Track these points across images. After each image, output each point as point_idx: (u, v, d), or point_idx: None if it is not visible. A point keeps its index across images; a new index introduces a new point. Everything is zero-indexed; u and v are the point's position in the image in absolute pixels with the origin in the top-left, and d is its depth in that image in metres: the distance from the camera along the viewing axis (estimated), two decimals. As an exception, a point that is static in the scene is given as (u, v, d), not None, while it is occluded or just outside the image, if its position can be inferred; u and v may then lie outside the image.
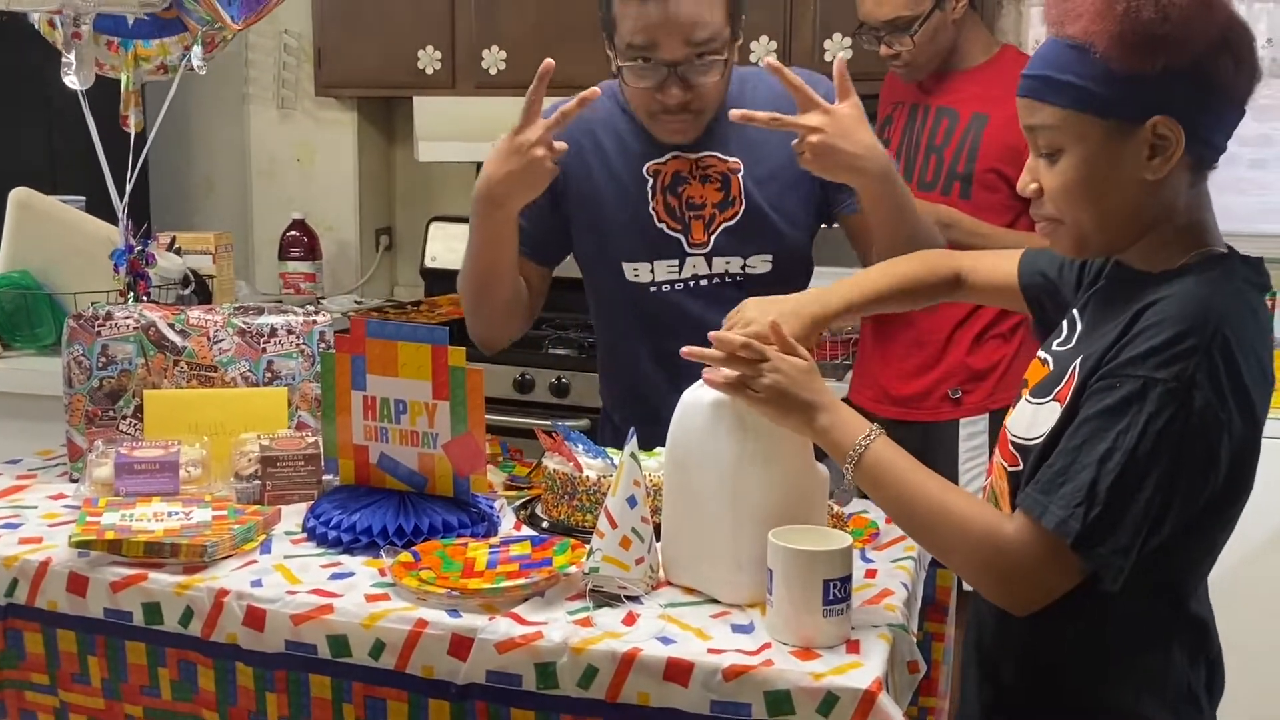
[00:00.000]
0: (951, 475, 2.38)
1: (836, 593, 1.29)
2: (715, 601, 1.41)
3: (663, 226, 1.82)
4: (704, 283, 1.84)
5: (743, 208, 1.79)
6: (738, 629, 1.34)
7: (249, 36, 3.75)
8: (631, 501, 1.42)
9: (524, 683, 1.30)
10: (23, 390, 2.49)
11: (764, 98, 1.74)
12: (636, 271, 1.86)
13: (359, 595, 1.41)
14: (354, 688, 1.38)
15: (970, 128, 2.31)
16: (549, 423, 1.83)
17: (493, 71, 3.27)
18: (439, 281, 3.62)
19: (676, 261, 1.83)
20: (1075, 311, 1.33)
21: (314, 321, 1.90)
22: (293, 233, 3.63)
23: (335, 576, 1.47)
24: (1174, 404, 1.10)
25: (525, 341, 3.15)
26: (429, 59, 3.35)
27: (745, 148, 1.79)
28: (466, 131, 3.30)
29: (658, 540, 1.47)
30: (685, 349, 1.40)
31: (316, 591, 1.41)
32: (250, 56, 3.78)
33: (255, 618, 1.40)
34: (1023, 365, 2.38)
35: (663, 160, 1.81)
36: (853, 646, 1.29)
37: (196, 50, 2.16)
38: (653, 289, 1.86)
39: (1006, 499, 1.29)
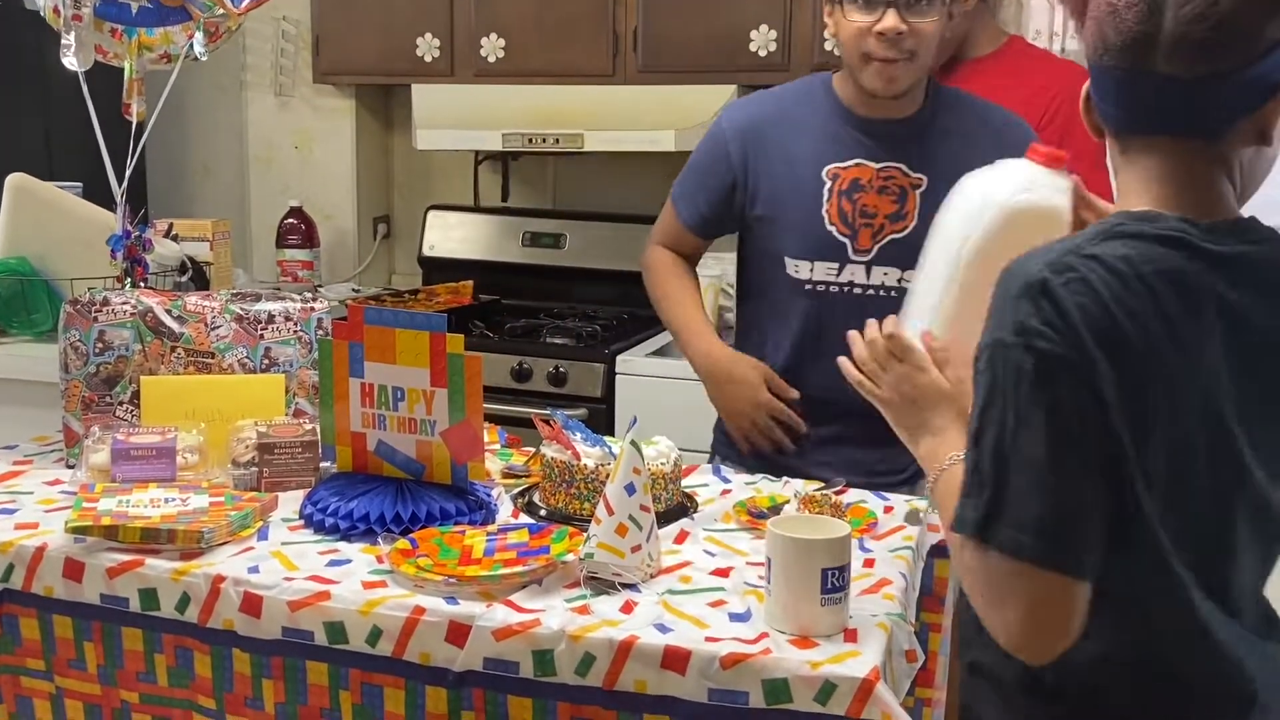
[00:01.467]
0: None
1: (834, 581, 1.29)
2: (712, 590, 1.41)
3: (832, 229, 1.86)
4: (858, 290, 1.88)
5: (914, 223, 1.82)
6: (735, 617, 1.34)
7: (247, 23, 3.73)
8: (630, 489, 1.42)
9: (521, 670, 1.30)
10: (19, 376, 2.48)
11: (976, 113, 1.87)
12: (798, 268, 1.90)
13: (356, 582, 1.40)
14: (351, 674, 1.38)
15: None
16: (547, 411, 1.83)
17: (491, 59, 3.26)
18: (437, 270, 3.62)
19: (837, 265, 1.87)
20: None
21: (312, 308, 1.89)
22: (290, 220, 3.62)
23: (332, 563, 1.46)
24: (1007, 361, 1.04)
25: (523, 330, 3.17)
26: (428, 46, 3.33)
27: (934, 166, 1.82)
28: (465, 119, 3.29)
29: (660, 528, 1.47)
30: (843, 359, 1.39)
31: (313, 578, 1.41)
32: (248, 43, 3.76)
33: (252, 604, 1.40)
34: None
35: (845, 165, 1.85)
36: (850, 635, 1.29)
37: (199, 37, 2.15)
38: (807, 286, 1.90)
39: None
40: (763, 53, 3.01)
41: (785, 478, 1.87)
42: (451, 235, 3.62)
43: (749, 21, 3.01)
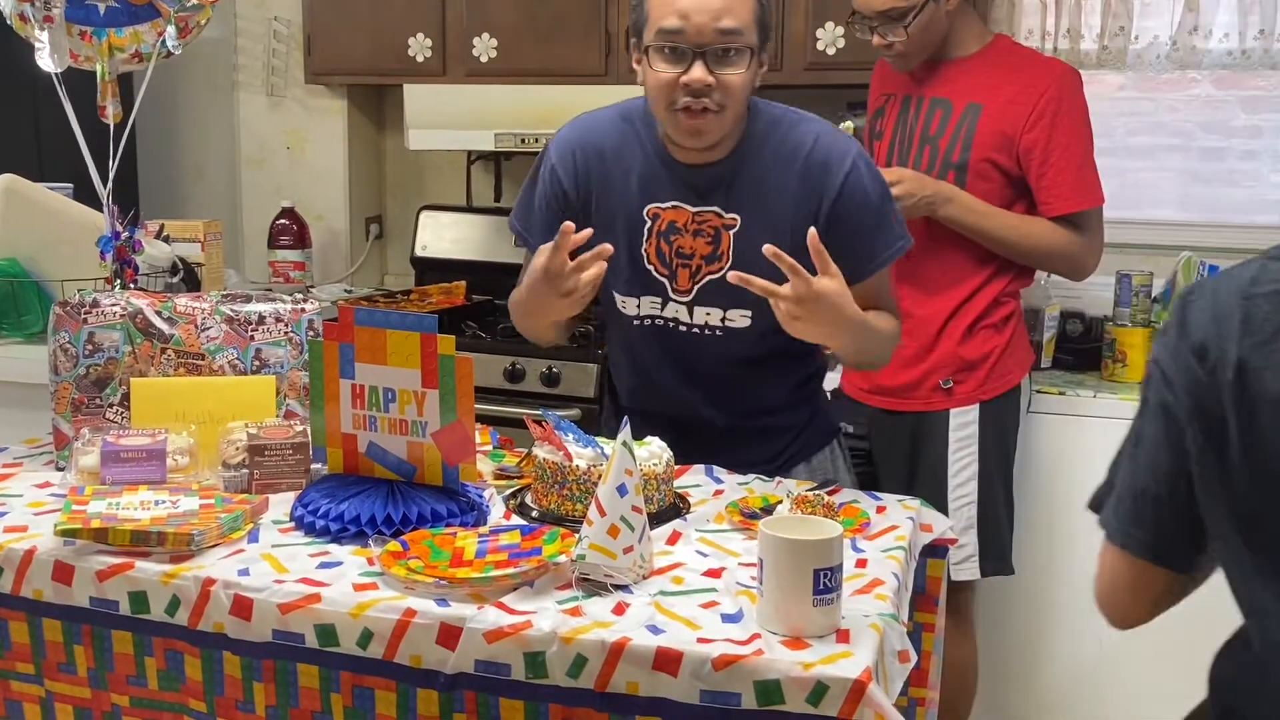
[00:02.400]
0: (941, 466, 2.38)
1: (827, 582, 1.28)
2: (705, 591, 1.41)
3: (651, 269, 1.85)
4: (683, 328, 1.87)
5: (728, 263, 1.80)
6: (727, 618, 1.34)
7: (238, 23, 3.73)
8: (622, 490, 1.41)
9: (513, 672, 1.30)
10: (9, 378, 2.48)
11: (786, 151, 1.80)
12: (624, 304, 1.89)
13: (347, 584, 1.40)
14: (342, 677, 1.37)
15: (965, 118, 2.31)
16: (539, 411, 1.82)
17: (484, 59, 3.26)
18: (429, 270, 3.61)
19: (659, 300, 1.87)
20: None
21: (302, 309, 1.89)
22: (282, 221, 3.61)
23: (323, 566, 1.46)
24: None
25: (516, 331, 3.15)
26: (420, 46, 3.33)
27: (746, 207, 1.80)
28: (457, 119, 3.29)
29: (652, 529, 1.46)
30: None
31: (304, 581, 1.41)
32: (240, 43, 3.76)
33: (242, 607, 1.39)
34: (1015, 357, 2.41)
35: (664, 206, 1.82)
36: (843, 636, 1.29)
37: (170, 32, 2.14)
38: (636, 321, 1.90)
39: None
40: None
41: (778, 478, 1.87)
42: (444, 235, 3.62)
43: (741, 21, 3.01)
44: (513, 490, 1.74)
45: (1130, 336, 2.66)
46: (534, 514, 1.64)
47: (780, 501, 1.69)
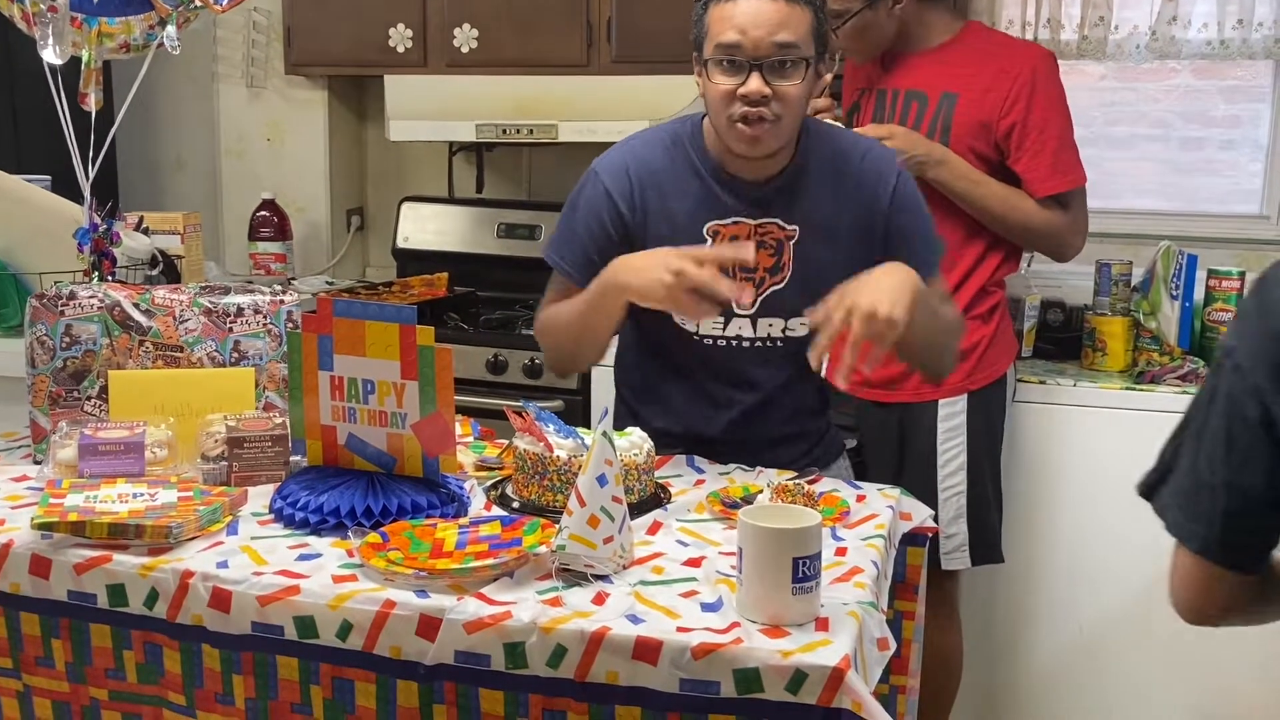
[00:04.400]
0: (930, 456, 2.39)
1: (806, 571, 1.29)
2: (685, 580, 1.41)
3: None
4: (746, 344, 1.87)
5: (789, 274, 1.82)
6: (707, 607, 1.34)
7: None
8: (602, 480, 1.41)
9: (493, 663, 1.30)
10: (-13, 372, 2.46)
11: (840, 162, 1.84)
12: (683, 321, 1.88)
13: (326, 576, 1.40)
14: (321, 669, 1.37)
15: (940, 108, 2.31)
16: (521, 403, 1.82)
17: (465, 50, 3.25)
18: (411, 262, 3.60)
19: (723, 320, 1.86)
20: None
21: (281, 301, 1.88)
22: (263, 213, 3.59)
23: (302, 558, 1.45)
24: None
25: (499, 322, 3.16)
26: (400, 37, 3.31)
27: (804, 217, 1.82)
28: (438, 110, 3.28)
29: (633, 519, 1.46)
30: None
31: (283, 573, 1.40)
32: (219, 35, 3.73)
33: (221, 599, 1.39)
34: (1001, 346, 2.41)
35: (725, 222, 1.83)
36: (822, 624, 1.29)
37: (170, 32, 2.13)
38: (696, 338, 1.88)
39: None
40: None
41: (759, 467, 1.87)
42: (426, 227, 3.60)
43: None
44: (494, 481, 1.74)
45: (1110, 326, 2.67)
46: (515, 505, 1.64)
47: (761, 491, 1.69)
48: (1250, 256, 2.86)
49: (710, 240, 1.82)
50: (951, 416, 2.39)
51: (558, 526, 1.42)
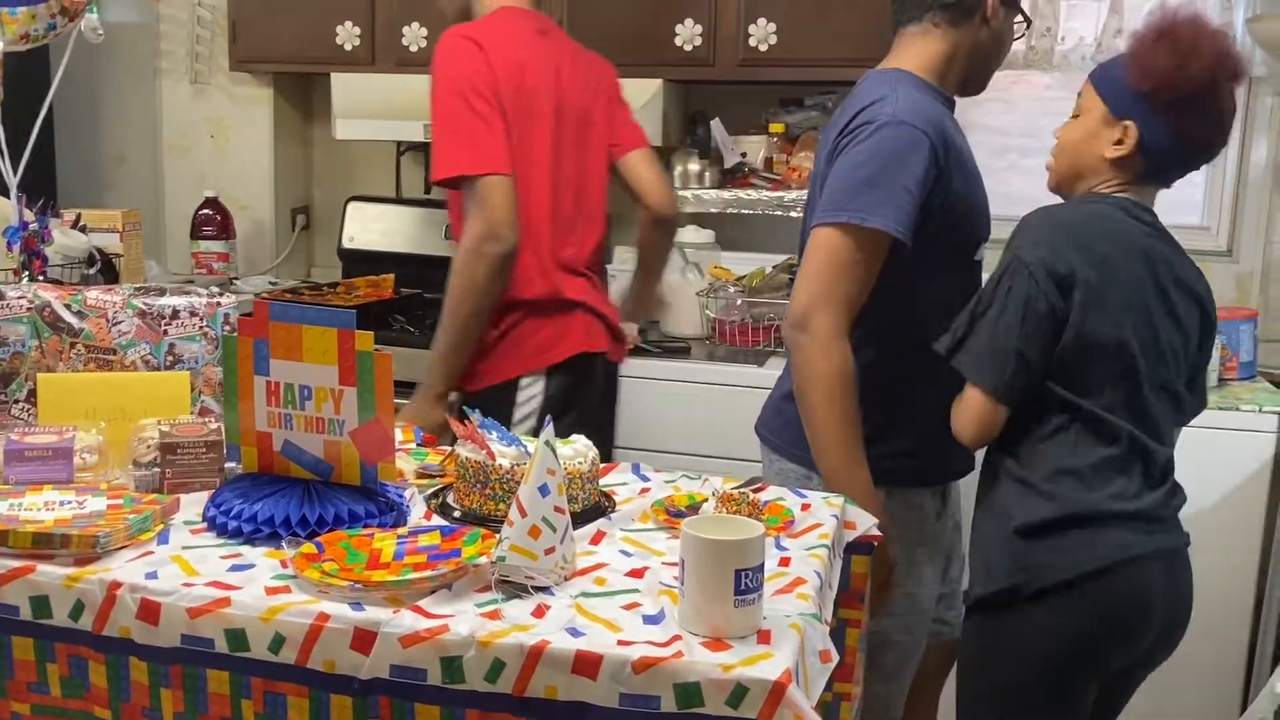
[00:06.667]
0: None
1: (748, 582, 1.27)
2: (627, 591, 1.39)
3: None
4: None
5: None
6: (649, 620, 1.32)
7: (161, 8, 3.64)
8: (544, 490, 1.39)
9: (429, 677, 1.27)
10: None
11: None
12: (980, 252, 1.99)
13: (259, 588, 1.36)
14: (253, 683, 1.33)
15: None
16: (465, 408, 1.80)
17: (413, 49, 3.21)
18: (357, 262, 3.55)
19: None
20: None
21: (218, 303, 1.84)
22: (205, 211, 3.53)
23: (235, 568, 1.42)
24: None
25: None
26: (348, 35, 3.27)
27: None
28: (386, 109, 3.23)
29: (576, 529, 1.44)
30: None
31: (214, 584, 1.36)
32: (162, 28, 3.67)
33: (149, 611, 1.34)
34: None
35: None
36: (764, 636, 1.28)
37: (92, 19, 2.08)
38: (976, 261, 2.00)
39: None
40: (688, 47, 3.00)
41: (705, 475, 1.86)
42: (372, 227, 3.56)
43: (674, 15, 3.00)
44: (435, 489, 1.71)
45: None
46: (456, 514, 1.61)
47: (706, 500, 1.68)
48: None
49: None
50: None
51: (498, 537, 1.39)
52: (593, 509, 1.65)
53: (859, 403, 1.79)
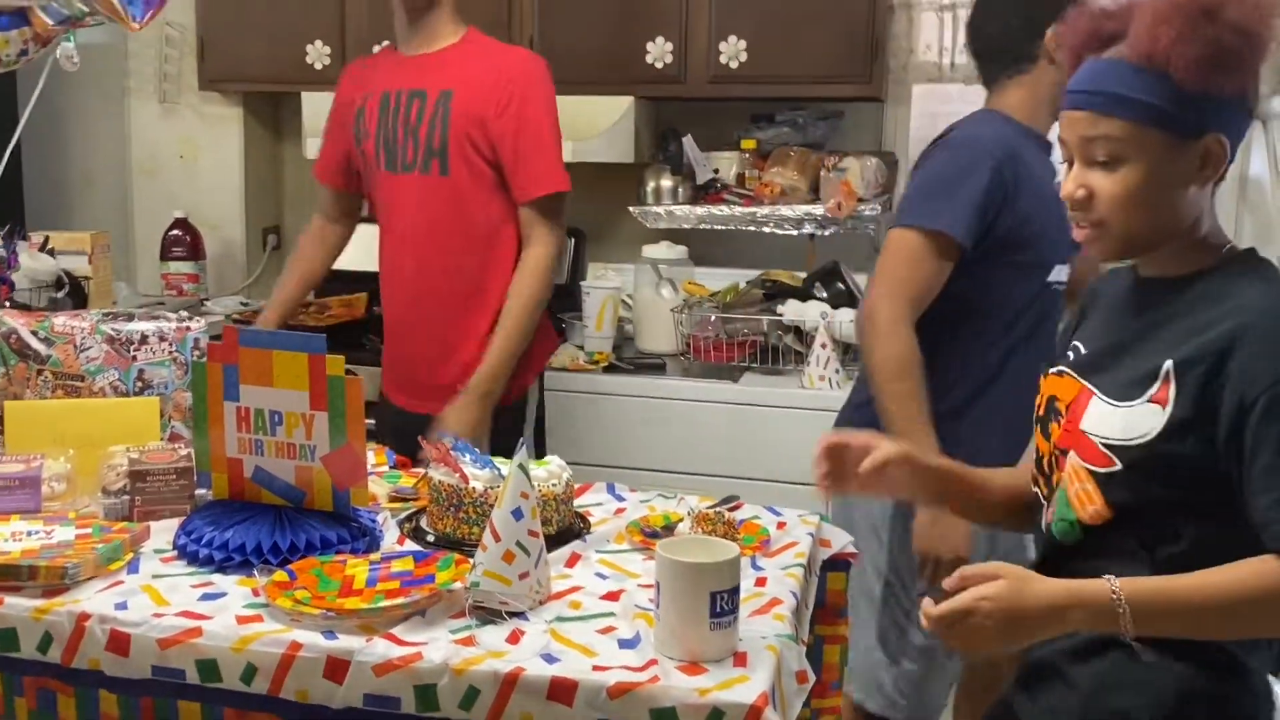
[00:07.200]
0: None
1: (724, 605, 1.27)
2: (603, 615, 1.38)
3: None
4: (1060, 285, 2.02)
5: None
6: (624, 644, 1.31)
7: (129, 28, 3.61)
8: (517, 514, 1.38)
9: (403, 705, 1.26)
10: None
11: None
12: (1057, 272, 1.98)
13: (230, 617, 1.35)
14: (225, 714, 1.32)
15: (439, 105, 2.30)
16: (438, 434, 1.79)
17: (384, 68, 3.20)
18: (329, 282, 3.50)
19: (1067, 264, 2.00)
20: (1073, 333, 1.40)
21: (187, 328, 1.82)
22: (175, 232, 3.51)
23: (206, 597, 1.40)
24: None
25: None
26: (318, 54, 3.26)
27: None
28: (357, 129, 3.21)
29: (551, 551, 1.43)
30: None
31: (185, 614, 1.35)
32: (131, 48, 3.64)
33: (119, 642, 1.33)
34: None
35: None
36: (740, 659, 1.28)
37: (69, 46, 2.06)
38: (1054, 287, 2.00)
39: (1092, 498, 1.26)
40: (659, 64, 3.00)
41: (680, 494, 1.85)
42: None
43: (646, 33, 3.00)
44: (408, 513, 1.70)
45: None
46: (430, 538, 1.60)
47: (681, 519, 1.67)
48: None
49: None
50: None
51: (472, 563, 1.39)
52: (567, 531, 1.64)
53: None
